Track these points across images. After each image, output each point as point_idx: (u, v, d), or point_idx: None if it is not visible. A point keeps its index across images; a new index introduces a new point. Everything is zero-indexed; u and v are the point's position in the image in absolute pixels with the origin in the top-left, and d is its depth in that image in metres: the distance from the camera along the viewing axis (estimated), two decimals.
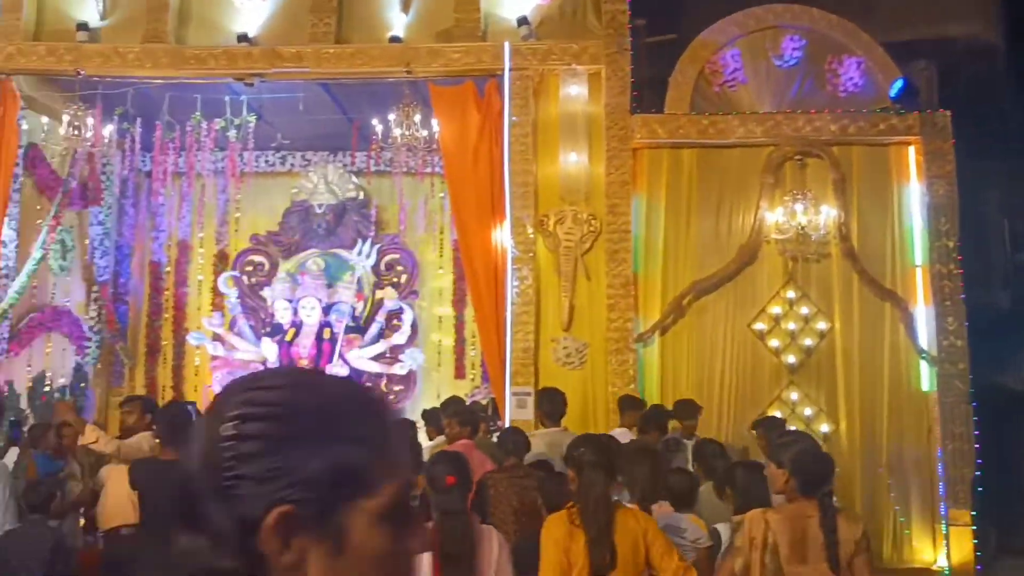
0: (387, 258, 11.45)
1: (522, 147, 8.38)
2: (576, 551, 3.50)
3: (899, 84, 8.40)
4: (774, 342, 8.46)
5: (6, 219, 9.10)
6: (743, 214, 8.59)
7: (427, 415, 8.00)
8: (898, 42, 9.13)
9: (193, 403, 7.25)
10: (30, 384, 9.97)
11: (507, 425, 7.94)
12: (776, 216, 8.49)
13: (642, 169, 8.51)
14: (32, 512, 5.43)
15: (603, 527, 3.50)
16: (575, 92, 8.48)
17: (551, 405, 6.45)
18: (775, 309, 8.48)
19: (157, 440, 5.63)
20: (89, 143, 8.98)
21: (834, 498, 3.64)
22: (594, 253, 8.36)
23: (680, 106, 8.69)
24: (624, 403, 7.08)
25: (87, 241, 10.92)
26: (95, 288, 11.00)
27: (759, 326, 8.51)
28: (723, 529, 4.42)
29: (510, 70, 8.43)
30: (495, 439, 6.38)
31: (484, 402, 9.64)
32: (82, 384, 10.73)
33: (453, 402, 6.97)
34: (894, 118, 8.40)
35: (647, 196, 8.54)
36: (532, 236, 8.32)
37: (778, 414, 8.11)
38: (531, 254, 8.31)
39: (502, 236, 8.38)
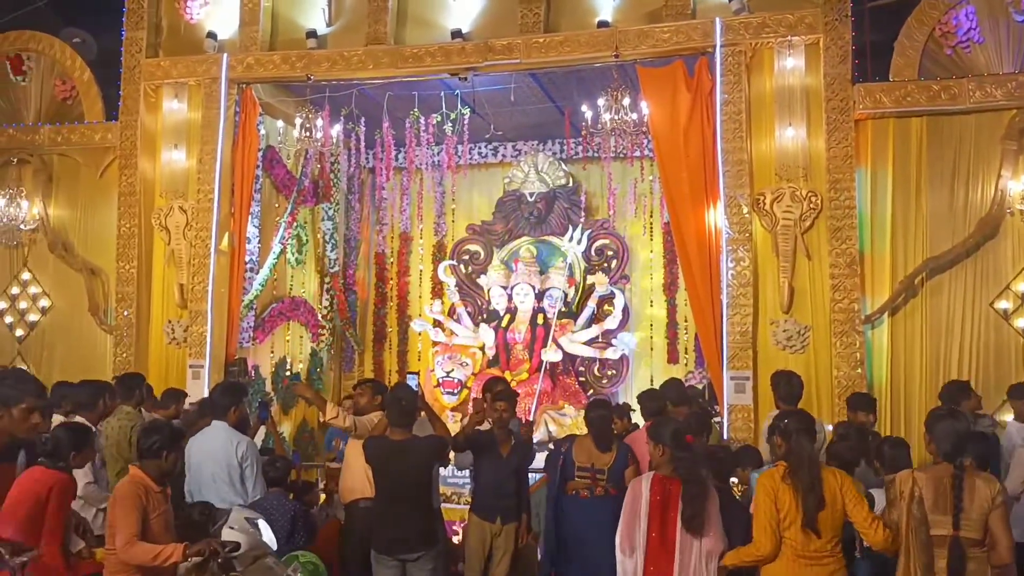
0: (597, 243, 11.38)
1: (735, 124, 8.07)
2: (783, 500, 4.23)
3: None
4: (1021, 322, 7.74)
5: (250, 217, 9.65)
6: (981, 184, 7.88)
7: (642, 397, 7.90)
8: None
9: (415, 376, 7.50)
10: (273, 369, 10.57)
11: (726, 409, 7.80)
12: (1020, 185, 7.71)
13: (865, 141, 7.98)
14: (272, 486, 5.69)
15: (815, 480, 4.20)
16: (791, 64, 8.05)
17: (788, 388, 6.24)
18: (1022, 286, 7.74)
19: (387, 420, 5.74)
20: (319, 143, 9.36)
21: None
22: (815, 231, 7.93)
23: (907, 72, 8.06)
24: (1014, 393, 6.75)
25: (319, 235, 11.47)
26: (327, 279, 11.52)
27: (1003, 304, 7.81)
28: (877, 495, 4.98)
29: (721, 47, 8.13)
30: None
31: (700, 386, 9.62)
32: (318, 369, 11.25)
33: (672, 384, 6.86)
34: None
35: (872, 169, 8.01)
36: (748, 216, 7.98)
37: None
38: (747, 234, 7.99)
39: (716, 217, 8.14)
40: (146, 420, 6.11)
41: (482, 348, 11.14)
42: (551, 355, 10.64)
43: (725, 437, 7.54)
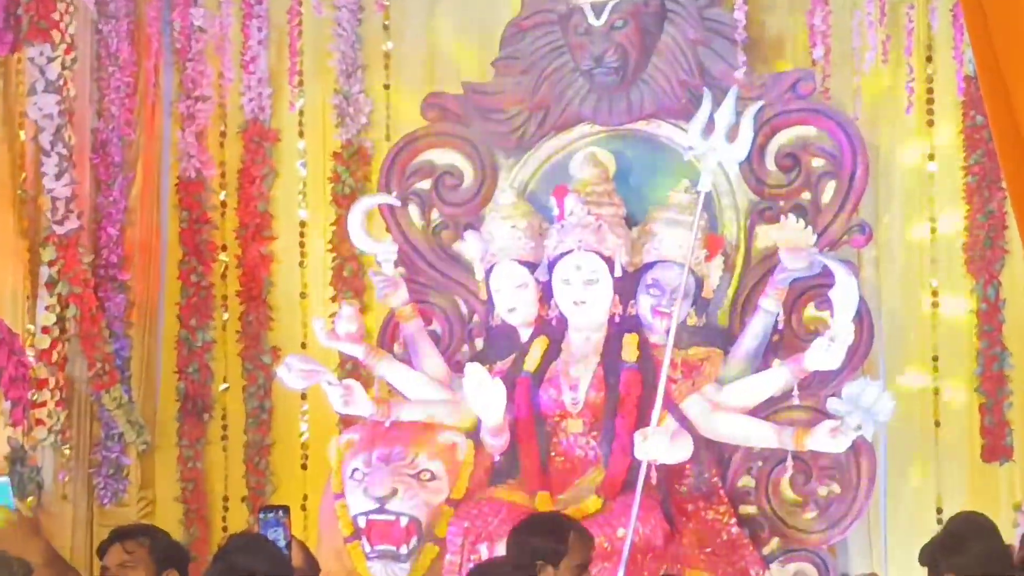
0: (783, 138, 10.72)
1: None
2: None
3: None
4: None
5: None
6: None
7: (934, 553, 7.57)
8: None
9: (277, 516, 7.12)
10: None
11: None
12: None
13: None
14: None
15: None
16: None
17: None
18: None
19: None
20: None
21: None
22: None
23: None
24: None
25: (23, 136, 11.30)
26: (48, 254, 11.27)
27: None
28: None
29: None
30: None
31: None
32: (28, 497, 11.08)
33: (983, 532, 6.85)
34: None
35: None
36: None
37: None
38: None
39: None
40: None
41: (471, 431, 10.59)
42: (663, 446, 9.96)
43: None
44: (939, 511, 10.28)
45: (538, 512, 9.21)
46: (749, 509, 10.34)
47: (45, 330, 11.13)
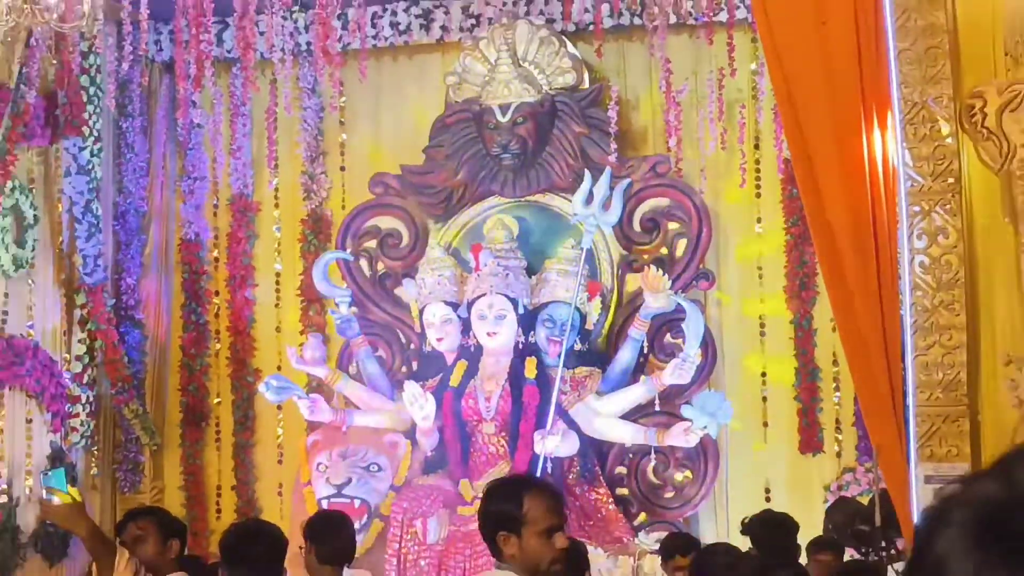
0: (646, 207, 11.47)
1: None
2: None
3: None
4: None
5: None
6: None
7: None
8: None
9: (268, 528, 6.79)
10: None
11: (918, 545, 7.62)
12: None
13: None
14: None
15: None
16: None
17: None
18: None
19: None
20: (56, 17, 9.09)
21: None
22: None
23: None
24: None
25: (61, 207, 11.61)
26: (80, 299, 11.75)
27: None
28: None
29: None
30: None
31: (865, 497, 9.85)
32: (67, 488, 10.60)
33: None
34: None
35: None
36: (950, 142, 7.83)
37: None
38: (950, 181, 7.78)
39: (886, 147, 8.05)
40: None
41: (410, 432, 11.16)
42: (556, 443, 10.64)
43: None
44: (767, 491, 11.13)
45: (498, 478, 8.27)
46: (623, 491, 11.10)
47: (78, 358, 11.72)
